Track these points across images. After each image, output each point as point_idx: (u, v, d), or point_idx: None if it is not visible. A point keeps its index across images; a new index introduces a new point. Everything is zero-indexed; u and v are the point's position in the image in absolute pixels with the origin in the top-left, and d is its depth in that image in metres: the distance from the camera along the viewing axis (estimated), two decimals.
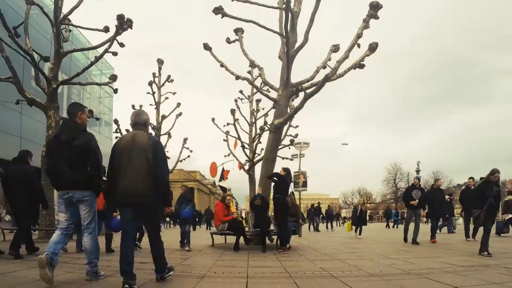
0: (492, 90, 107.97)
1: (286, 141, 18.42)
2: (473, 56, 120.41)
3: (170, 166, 23.14)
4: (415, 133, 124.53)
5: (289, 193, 9.34)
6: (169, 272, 4.59)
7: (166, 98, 22.55)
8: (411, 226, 11.26)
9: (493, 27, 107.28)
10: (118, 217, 6.91)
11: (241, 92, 20.30)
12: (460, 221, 19.15)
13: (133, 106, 21.59)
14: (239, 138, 19.84)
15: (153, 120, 22.05)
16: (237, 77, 11.72)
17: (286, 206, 8.84)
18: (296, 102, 11.57)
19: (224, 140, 21.47)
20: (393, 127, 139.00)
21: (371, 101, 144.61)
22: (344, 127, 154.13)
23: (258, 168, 17.71)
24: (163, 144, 22.56)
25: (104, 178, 5.21)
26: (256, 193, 10.19)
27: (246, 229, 10.16)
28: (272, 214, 9.80)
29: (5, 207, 7.76)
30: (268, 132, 11.57)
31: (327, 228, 25.69)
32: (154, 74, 22.22)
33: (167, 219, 30.10)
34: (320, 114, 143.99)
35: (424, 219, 23.21)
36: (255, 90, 18.39)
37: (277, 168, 11.02)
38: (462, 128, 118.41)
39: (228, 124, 20.71)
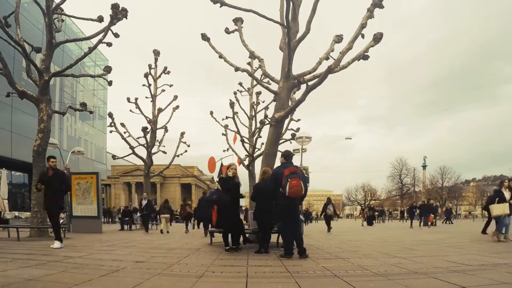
0: (496, 94, 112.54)
1: (287, 135, 18.44)
2: (480, 64, 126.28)
3: (167, 161, 23.41)
4: (421, 133, 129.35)
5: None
6: None
7: (163, 90, 22.51)
8: None
9: (498, 40, 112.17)
10: None
11: (240, 84, 20.26)
12: None
13: (128, 99, 21.56)
14: (238, 132, 19.80)
15: (149, 114, 22.05)
16: (236, 69, 11.66)
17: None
18: (297, 95, 11.53)
19: (223, 134, 21.46)
20: (401, 127, 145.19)
21: (382, 103, 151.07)
22: (355, 127, 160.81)
23: (258, 164, 17.74)
24: (160, 139, 22.63)
25: None
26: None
27: (246, 227, 10.14)
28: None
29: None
30: (268, 126, 11.53)
31: None
32: (150, 66, 22.15)
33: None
34: (333, 115, 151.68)
35: None
36: (255, 82, 18.37)
37: (278, 164, 11.00)
38: (467, 128, 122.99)
39: (227, 117, 20.68)
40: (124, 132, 21.48)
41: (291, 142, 18.88)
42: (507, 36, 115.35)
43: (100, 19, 12.01)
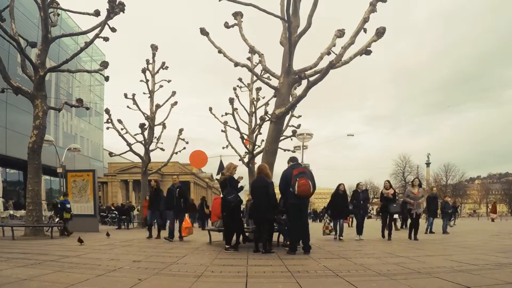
0: (500, 97, 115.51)
1: (288, 131, 18.39)
2: (484, 69, 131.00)
3: (165, 159, 23.38)
4: (425, 133, 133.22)
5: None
6: None
7: (161, 86, 22.45)
8: None
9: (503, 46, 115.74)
10: None
11: (240, 80, 20.20)
12: None
13: (125, 95, 21.53)
14: (238, 128, 19.76)
15: (147, 110, 22.01)
16: (236, 64, 11.62)
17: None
18: (298, 91, 11.50)
19: (222, 131, 21.42)
20: (405, 127, 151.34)
21: (388, 104, 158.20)
22: (361, 127, 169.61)
23: (258, 161, 17.73)
24: (158, 136, 22.60)
25: None
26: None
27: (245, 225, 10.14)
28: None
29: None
30: (268, 122, 11.52)
31: None
32: (147, 61, 22.09)
33: None
34: (340, 115, 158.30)
35: None
36: (255, 78, 18.31)
37: (278, 161, 11.03)
38: (470, 127, 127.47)
39: (226, 114, 20.64)
40: (121, 129, 21.45)
41: (291, 139, 18.84)
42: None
43: (97, 13, 11.97)
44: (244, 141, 19.80)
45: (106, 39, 12.33)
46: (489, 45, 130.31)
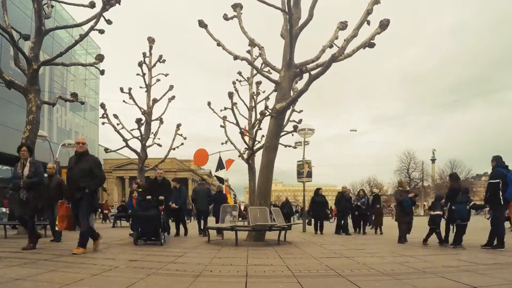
0: (506, 98, 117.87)
1: (289, 127, 18.33)
2: (490, 73, 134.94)
3: (162, 155, 23.35)
4: (431, 131, 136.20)
5: None
6: None
7: (158, 80, 22.35)
8: None
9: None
10: None
11: (239, 73, 20.13)
12: None
13: (121, 89, 21.45)
14: (237, 124, 19.69)
15: (143, 105, 21.92)
16: (235, 57, 11.56)
17: None
18: (300, 85, 11.46)
19: (221, 126, 21.36)
20: (412, 127, 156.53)
21: (396, 105, 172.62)
22: (368, 125, 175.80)
23: (258, 157, 17.69)
24: (155, 131, 22.54)
25: None
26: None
27: (246, 223, 10.15)
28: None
29: None
30: (269, 117, 11.49)
31: None
32: (144, 54, 21.97)
33: None
34: (348, 115, 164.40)
35: None
36: (255, 72, 18.22)
37: (279, 157, 11.03)
38: (476, 126, 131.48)
39: (225, 108, 20.55)
40: (117, 124, 21.34)
41: (292, 135, 18.76)
42: None
43: (92, 4, 11.90)
44: (243, 130, 19.74)
45: (101, 31, 12.27)
46: (496, 51, 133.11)
